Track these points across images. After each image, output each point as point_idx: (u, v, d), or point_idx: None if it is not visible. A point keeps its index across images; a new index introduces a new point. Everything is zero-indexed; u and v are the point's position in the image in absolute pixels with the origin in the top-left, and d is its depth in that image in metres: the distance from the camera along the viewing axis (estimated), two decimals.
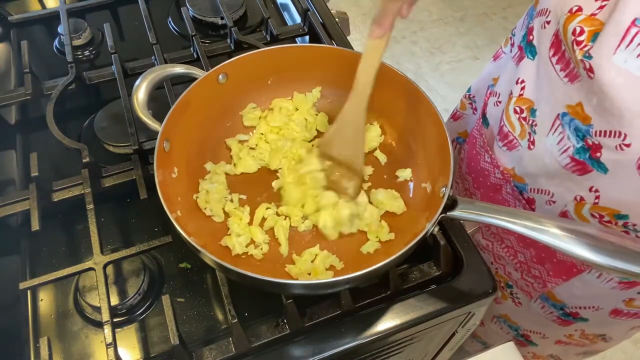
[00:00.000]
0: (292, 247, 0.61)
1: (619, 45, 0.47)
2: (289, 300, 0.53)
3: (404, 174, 0.65)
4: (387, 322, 0.56)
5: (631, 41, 0.47)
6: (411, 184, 0.64)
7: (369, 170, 0.66)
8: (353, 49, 0.74)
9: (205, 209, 0.61)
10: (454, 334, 0.68)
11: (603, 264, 0.45)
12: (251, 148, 0.68)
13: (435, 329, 0.61)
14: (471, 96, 0.92)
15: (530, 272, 0.77)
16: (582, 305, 0.75)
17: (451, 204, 0.53)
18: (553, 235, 0.47)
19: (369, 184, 0.66)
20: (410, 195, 0.64)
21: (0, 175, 0.71)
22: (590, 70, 0.50)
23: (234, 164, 0.66)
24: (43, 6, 0.94)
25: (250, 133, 0.69)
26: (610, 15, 0.48)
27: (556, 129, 0.59)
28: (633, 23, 0.46)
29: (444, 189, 0.53)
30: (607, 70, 0.49)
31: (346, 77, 0.65)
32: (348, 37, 0.84)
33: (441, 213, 0.52)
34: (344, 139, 0.61)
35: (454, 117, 0.98)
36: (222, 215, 0.62)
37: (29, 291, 0.59)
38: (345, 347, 0.55)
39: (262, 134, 0.69)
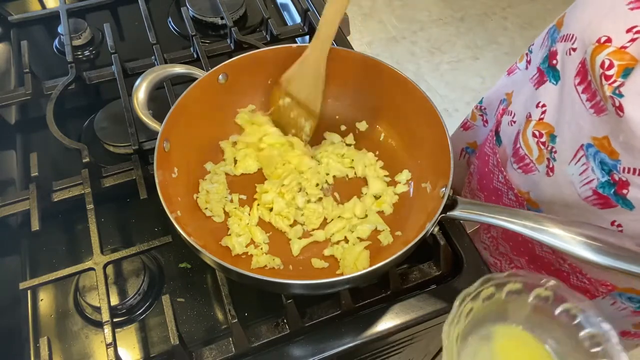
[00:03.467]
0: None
1: None
2: (289, 300, 0.53)
3: (401, 177, 0.65)
4: (387, 322, 0.56)
5: None
6: (411, 184, 0.64)
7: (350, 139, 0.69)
8: (353, 49, 0.74)
9: (205, 209, 0.61)
10: None
11: (603, 264, 0.45)
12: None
13: (435, 328, 0.61)
14: (482, 108, 0.90)
15: None
16: None
17: (451, 204, 0.53)
18: (553, 235, 0.47)
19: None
20: (410, 195, 0.64)
21: (0, 175, 0.71)
22: (620, 108, 0.48)
23: (234, 164, 0.66)
24: (43, 6, 0.94)
25: None
26: None
27: (579, 159, 0.56)
28: None
29: (444, 189, 0.53)
30: (638, 109, 0.46)
31: (346, 77, 0.66)
32: (348, 37, 0.84)
33: (441, 213, 0.52)
34: (304, 82, 0.64)
35: (464, 126, 0.96)
36: (222, 215, 0.62)
37: (29, 291, 0.59)
38: (345, 347, 0.55)
39: None
